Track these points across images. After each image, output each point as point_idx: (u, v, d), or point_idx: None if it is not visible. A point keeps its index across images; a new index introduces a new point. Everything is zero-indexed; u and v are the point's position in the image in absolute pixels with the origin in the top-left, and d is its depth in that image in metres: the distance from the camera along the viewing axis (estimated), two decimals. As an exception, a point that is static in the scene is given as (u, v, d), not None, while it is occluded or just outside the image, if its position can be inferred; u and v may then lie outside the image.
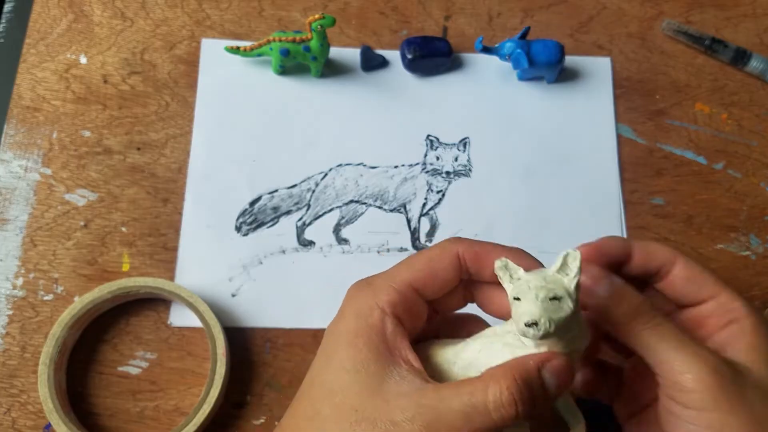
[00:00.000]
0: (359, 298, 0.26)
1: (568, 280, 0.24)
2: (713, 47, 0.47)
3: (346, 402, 0.24)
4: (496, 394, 0.22)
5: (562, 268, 0.24)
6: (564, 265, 0.24)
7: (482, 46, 0.43)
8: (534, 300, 0.23)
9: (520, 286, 0.24)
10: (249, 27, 0.47)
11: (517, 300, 0.24)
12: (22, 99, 0.44)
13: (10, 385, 0.38)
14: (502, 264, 0.25)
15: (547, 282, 0.24)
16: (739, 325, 0.26)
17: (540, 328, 0.23)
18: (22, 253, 0.41)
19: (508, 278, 0.25)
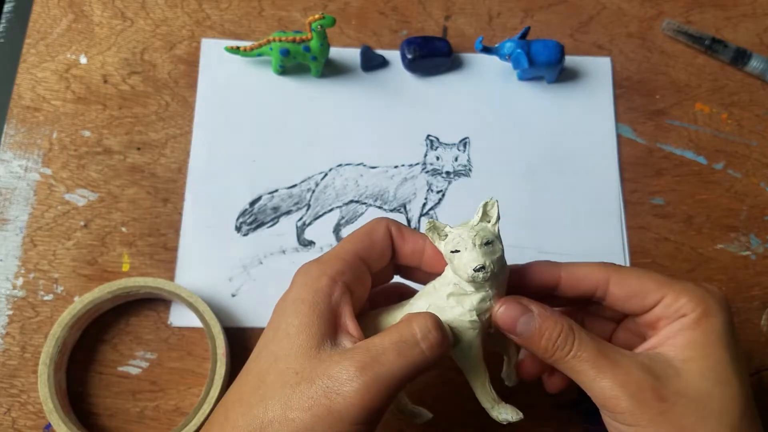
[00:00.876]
0: (309, 271, 0.27)
1: (492, 225, 0.27)
2: (713, 47, 0.47)
3: (289, 366, 0.25)
4: (420, 324, 0.25)
5: (484, 217, 0.27)
6: (485, 214, 0.27)
7: (482, 46, 0.43)
8: (473, 247, 0.26)
9: (454, 239, 0.26)
10: (249, 27, 0.47)
11: (455, 252, 0.26)
12: (22, 99, 0.44)
13: (10, 385, 0.38)
14: (431, 225, 0.27)
15: (477, 230, 0.26)
16: (683, 321, 0.26)
17: (487, 270, 0.25)
18: (22, 253, 0.41)
19: (437, 237, 0.27)
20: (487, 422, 0.39)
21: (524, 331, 0.26)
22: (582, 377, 0.26)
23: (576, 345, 0.26)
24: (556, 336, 0.26)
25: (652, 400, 0.24)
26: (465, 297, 0.27)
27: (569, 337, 0.26)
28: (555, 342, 0.26)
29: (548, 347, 0.26)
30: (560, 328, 0.26)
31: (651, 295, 0.27)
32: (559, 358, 0.26)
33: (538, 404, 0.39)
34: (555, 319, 0.26)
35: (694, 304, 0.26)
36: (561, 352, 0.26)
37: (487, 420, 0.40)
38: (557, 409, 0.39)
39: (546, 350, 0.26)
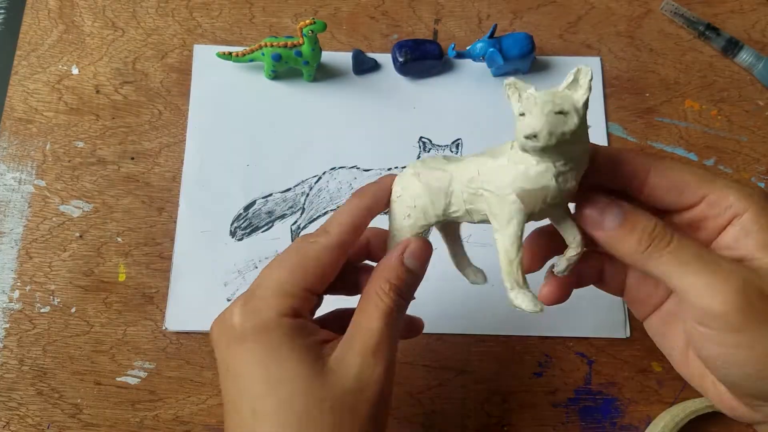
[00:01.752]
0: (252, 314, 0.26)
1: (577, 95, 0.23)
2: (706, 34, 0.47)
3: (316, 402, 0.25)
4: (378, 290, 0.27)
5: (572, 85, 0.23)
6: (574, 82, 0.23)
7: (455, 52, 0.44)
8: (539, 114, 0.22)
9: (528, 101, 0.23)
10: (240, 34, 0.47)
11: (521, 116, 0.23)
12: (15, 111, 0.44)
13: (8, 399, 0.38)
14: (512, 82, 0.24)
15: (555, 97, 0.23)
16: (741, 222, 0.24)
17: (540, 140, 0.22)
18: (18, 266, 0.41)
19: (516, 96, 0.24)
20: (486, 423, 0.40)
21: (613, 223, 0.24)
22: (682, 275, 0.23)
23: (677, 238, 0.23)
24: (652, 228, 0.23)
25: (760, 299, 0.22)
26: (522, 166, 0.24)
27: (667, 229, 0.24)
28: (652, 233, 0.23)
29: (643, 239, 0.23)
30: (655, 221, 0.24)
31: (692, 190, 0.24)
32: (655, 251, 0.23)
33: (537, 403, 0.40)
34: (648, 214, 0.24)
35: (746, 202, 0.23)
36: (660, 244, 0.23)
37: (486, 421, 0.40)
38: (555, 407, 0.40)
39: (640, 242, 0.23)
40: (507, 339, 0.40)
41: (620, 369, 0.40)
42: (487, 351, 0.40)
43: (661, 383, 0.40)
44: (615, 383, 0.40)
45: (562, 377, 0.40)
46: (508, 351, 0.40)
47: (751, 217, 0.23)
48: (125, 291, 0.40)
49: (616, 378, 0.40)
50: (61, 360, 0.39)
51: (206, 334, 0.40)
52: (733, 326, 0.22)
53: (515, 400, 0.40)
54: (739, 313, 0.22)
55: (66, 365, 0.39)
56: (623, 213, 0.24)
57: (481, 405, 0.39)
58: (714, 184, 0.24)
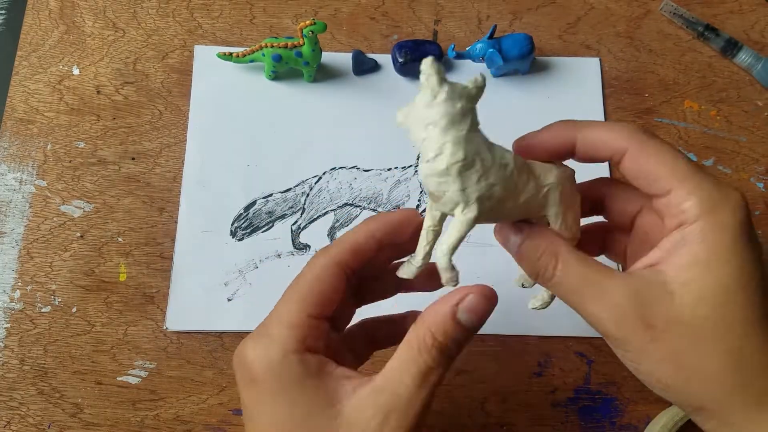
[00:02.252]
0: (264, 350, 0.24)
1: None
2: (705, 34, 0.48)
3: None
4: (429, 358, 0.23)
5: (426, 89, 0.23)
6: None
7: (455, 53, 0.44)
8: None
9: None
10: (240, 35, 0.47)
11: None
12: (16, 111, 0.44)
13: (9, 398, 0.38)
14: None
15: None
16: (685, 232, 0.22)
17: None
18: (19, 266, 0.41)
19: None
20: (485, 423, 0.40)
21: (513, 252, 0.25)
22: (568, 302, 0.24)
23: (559, 270, 0.24)
24: (537, 257, 0.24)
25: (639, 328, 0.22)
26: None
27: (550, 261, 0.24)
28: (537, 263, 0.24)
29: (532, 271, 0.25)
30: (541, 250, 0.24)
31: (660, 182, 0.23)
32: (544, 280, 0.25)
33: (537, 403, 0.40)
34: (537, 243, 0.24)
35: (700, 210, 0.22)
36: (546, 274, 0.24)
37: (486, 421, 0.40)
38: (555, 407, 0.40)
39: (531, 273, 0.25)
40: (506, 338, 0.40)
41: (620, 368, 0.40)
42: (487, 350, 0.40)
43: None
44: (614, 383, 0.40)
45: (562, 377, 0.40)
46: (507, 350, 0.40)
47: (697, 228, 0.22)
48: (126, 291, 0.41)
49: (615, 377, 0.40)
50: (62, 360, 0.39)
51: (207, 334, 0.40)
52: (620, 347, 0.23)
53: (515, 400, 0.40)
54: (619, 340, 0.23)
55: (67, 365, 0.39)
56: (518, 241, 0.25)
57: (480, 405, 0.39)
58: (683, 181, 0.23)
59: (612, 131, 0.25)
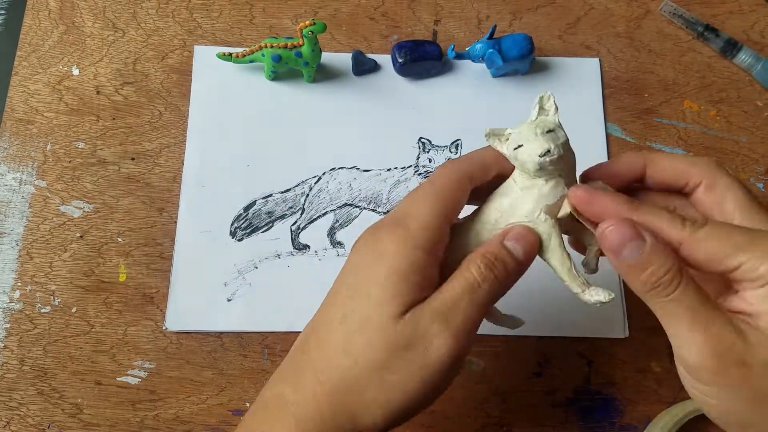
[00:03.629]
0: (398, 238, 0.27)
1: (551, 116, 0.27)
2: (705, 35, 0.48)
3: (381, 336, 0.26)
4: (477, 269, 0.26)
5: (541, 112, 0.27)
6: (541, 109, 0.27)
7: (455, 53, 0.44)
8: (536, 137, 0.26)
9: (516, 137, 0.26)
10: (240, 35, 0.47)
11: (519, 147, 0.26)
12: (15, 112, 0.44)
13: (9, 398, 0.38)
14: (489, 131, 0.27)
15: (537, 123, 0.26)
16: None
17: (553, 153, 0.25)
18: (19, 266, 0.41)
19: (498, 142, 0.27)
20: (485, 423, 0.40)
21: (629, 257, 0.24)
22: (673, 323, 0.24)
23: (681, 289, 0.24)
24: (663, 273, 0.24)
25: (734, 365, 0.23)
26: (535, 189, 0.27)
27: (676, 278, 0.24)
28: (660, 279, 0.24)
29: (649, 282, 0.24)
30: (669, 266, 0.24)
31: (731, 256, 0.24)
32: (656, 295, 0.24)
33: (536, 403, 0.40)
34: (666, 255, 0.24)
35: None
36: (663, 292, 0.24)
37: (486, 421, 0.40)
38: (555, 407, 0.40)
39: (645, 284, 0.24)
40: (506, 339, 0.40)
41: (619, 369, 0.40)
42: (487, 351, 0.40)
43: (659, 383, 0.40)
44: (614, 383, 0.40)
45: (562, 377, 0.40)
46: (507, 351, 0.40)
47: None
48: (125, 291, 0.41)
49: (615, 378, 0.40)
50: (62, 360, 0.39)
51: (207, 334, 0.40)
52: (704, 380, 0.24)
53: (515, 400, 0.40)
54: (710, 373, 0.23)
55: (66, 365, 0.39)
56: (642, 251, 0.24)
57: (480, 405, 0.39)
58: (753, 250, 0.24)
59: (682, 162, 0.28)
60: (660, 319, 0.25)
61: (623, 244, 0.24)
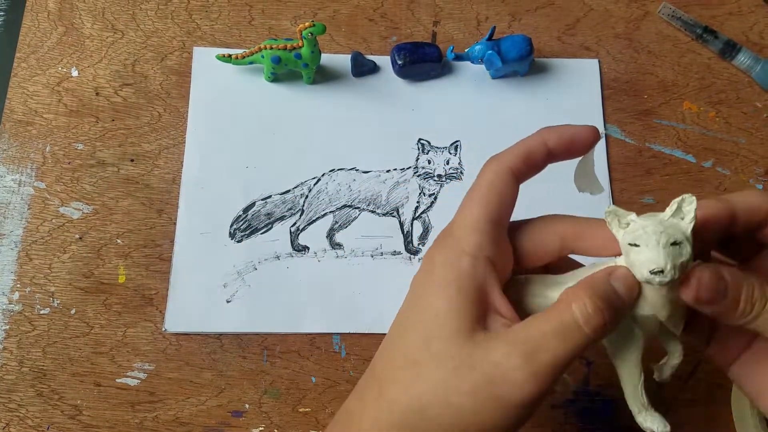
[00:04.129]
0: (445, 248, 0.26)
1: (684, 224, 0.23)
2: (704, 36, 0.48)
3: (443, 349, 0.24)
4: (581, 308, 0.23)
5: (676, 213, 0.24)
6: (678, 210, 0.24)
7: (454, 54, 0.44)
8: (656, 246, 0.22)
9: (636, 231, 0.23)
10: (239, 36, 0.47)
11: (634, 246, 0.23)
12: (14, 113, 0.44)
13: (8, 400, 0.38)
14: (612, 209, 0.24)
15: (666, 227, 0.23)
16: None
17: (666, 276, 0.22)
18: (18, 268, 0.41)
19: (617, 224, 0.24)
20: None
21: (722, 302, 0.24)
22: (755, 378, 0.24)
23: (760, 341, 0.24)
24: (751, 293, 0.24)
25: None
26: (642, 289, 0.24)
27: (763, 288, 0.24)
28: (752, 299, 0.24)
29: (746, 306, 0.24)
30: (752, 284, 0.24)
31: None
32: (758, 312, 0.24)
33: (535, 404, 0.40)
34: (747, 277, 0.24)
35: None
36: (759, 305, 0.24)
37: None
38: (553, 409, 0.40)
39: (744, 311, 0.24)
40: (505, 340, 0.40)
41: (618, 370, 0.40)
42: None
43: (659, 384, 0.40)
44: (614, 384, 0.40)
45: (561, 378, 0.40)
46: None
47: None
48: (125, 292, 0.41)
49: (614, 379, 0.40)
50: (61, 361, 0.39)
51: (206, 336, 0.40)
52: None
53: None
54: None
55: (66, 367, 0.39)
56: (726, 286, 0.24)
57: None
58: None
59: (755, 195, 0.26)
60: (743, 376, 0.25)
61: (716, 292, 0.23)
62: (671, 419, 0.35)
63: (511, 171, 0.26)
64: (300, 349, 0.40)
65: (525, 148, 0.26)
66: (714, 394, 0.40)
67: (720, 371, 0.28)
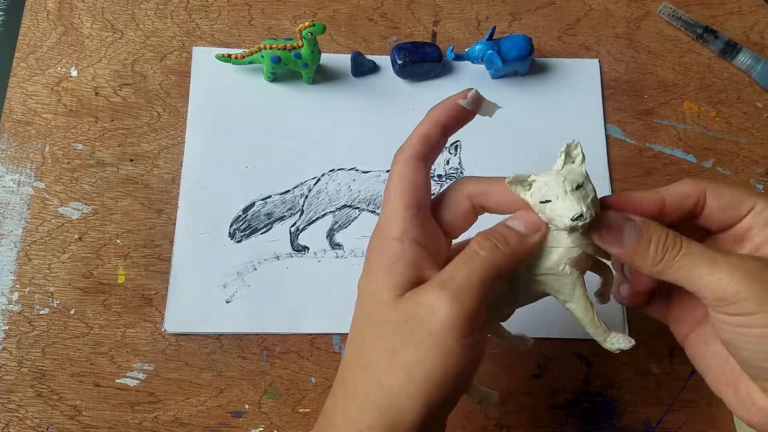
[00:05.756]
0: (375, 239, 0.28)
1: (578, 166, 0.25)
2: (704, 36, 0.48)
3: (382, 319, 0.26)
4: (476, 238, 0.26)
5: (567, 160, 0.26)
6: (568, 156, 0.26)
7: (454, 54, 0.44)
8: (565, 195, 0.24)
9: (542, 189, 0.25)
10: (239, 36, 0.47)
11: (547, 202, 0.25)
12: (14, 113, 0.44)
13: (7, 401, 0.38)
14: (513, 178, 0.26)
15: (565, 175, 0.25)
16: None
17: (585, 216, 0.24)
18: (17, 268, 0.41)
19: (521, 188, 0.26)
20: (485, 425, 0.40)
21: (630, 239, 0.26)
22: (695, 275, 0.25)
23: (686, 243, 0.25)
24: (665, 238, 0.25)
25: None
26: (560, 239, 0.26)
27: (677, 238, 0.25)
28: (665, 244, 0.25)
29: (657, 251, 0.25)
30: (666, 231, 0.26)
31: (745, 203, 0.27)
32: (669, 260, 0.25)
33: (536, 405, 0.40)
34: (659, 225, 0.26)
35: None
36: (671, 253, 0.25)
37: (485, 423, 0.40)
38: (554, 409, 0.40)
39: (655, 255, 0.25)
40: (506, 341, 0.40)
41: (619, 370, 0.40)
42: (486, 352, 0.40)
43: (659, 385, 0.40)
44: (614, 385, 0.40)
45: (561, 379, 0.40)
46: (507, 352, 0.40)
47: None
48: (124, 293, 0.41)
49: (614, 379, 0.40)
50: (61, 362, 0.39)
51: (206, 336, 0.40)
52: (755, 308, 0.23)
53: (514, 402, 0.40)
54: (752, 299, 0.23)
55: (65, 367, 0.39)
56: (638, 228, 0.26)
57: (479, 407, 0.39)
58: (761, 196, 0.27)
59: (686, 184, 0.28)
60: (681, 282, 0.25)
61: (621, 233, 0.26)
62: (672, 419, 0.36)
63: (416, 157, 0.28)
64: (300, 350, 0.40)
65: (421, 132, 0.29)
66: (714, 394, 0.40)
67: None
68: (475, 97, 0.29)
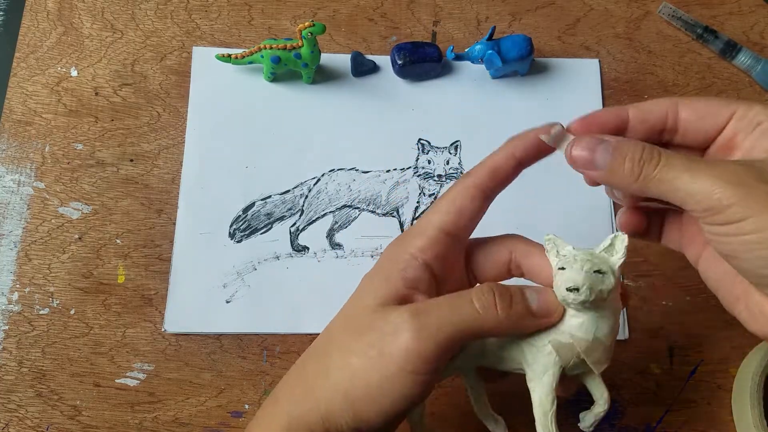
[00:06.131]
0: (394, 245, 0.28)
1: (614, 259, 0.25)
2: (704, 36, 0.48)
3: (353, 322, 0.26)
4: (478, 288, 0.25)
5: (609, 249, 0.25)
6: (611, 246, 0.25)
7: (454, 54, 0.44)
8: (579, 270, 0.24)
9: (567, 258, 0.25)
10: (239, 36, 0.47)
11: (561, 270, 0.25)
12: (14, 113, 0.44)
13: (7, 401, 0.38)
14: (551, 238, 0.26)
15: (593, 257, 0.25)
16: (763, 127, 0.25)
17: (581, 294, 0.24)
18: (17, 268, 0.41)
19: (554, 252, 0.26)
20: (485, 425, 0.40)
21: (604, 159, 0.25)
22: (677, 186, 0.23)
23: (665, 155, 0.24)
24: (641, 152, 0.24)
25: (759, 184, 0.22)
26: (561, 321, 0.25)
27: (653, 150, 0.24)
28: (641, 158, 0.24)
29: (634, 166, 0.24)
30: (642, 146, 0.24)
31: (722, 111, 0.26)
32: (647, 173, 0.24)
33: (535, 405, 0.40)
34: (633, 140, 0.25)
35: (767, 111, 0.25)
36: (649, 166, 0.24)
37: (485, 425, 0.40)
38: (554, 409, 0.40)
39: (632, 171, 0.24)
40: (506, 341, 0.40)
41: (619, 370, 0.40)
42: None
43: (659, 385, 0.40)
44: (614, 385, 0.40)
45: (561, 379, 0.40)
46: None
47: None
48: (124, 293, 0.41)
49: (614, 380, 0.40)
50: (60, 362, 0.39)
51: (206, 336, 0.40)
52: (744, 214, 0.22)
53: (514, 402, 0.40)
54: (738, 204, 0.22)
55: (65, 367, 0.39)
56: (611, 147, 0.25)
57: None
58: (739, 102, 0.26)
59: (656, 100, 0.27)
60: (664, 196, 0.24)
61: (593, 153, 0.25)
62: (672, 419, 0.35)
63: (478, 187, 0.28)
64: (300, 350, 0.40)
65: (492, 164, 0.28)
66: (714, 394, 0.40)
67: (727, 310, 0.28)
68: (560, 134, 0.27)
